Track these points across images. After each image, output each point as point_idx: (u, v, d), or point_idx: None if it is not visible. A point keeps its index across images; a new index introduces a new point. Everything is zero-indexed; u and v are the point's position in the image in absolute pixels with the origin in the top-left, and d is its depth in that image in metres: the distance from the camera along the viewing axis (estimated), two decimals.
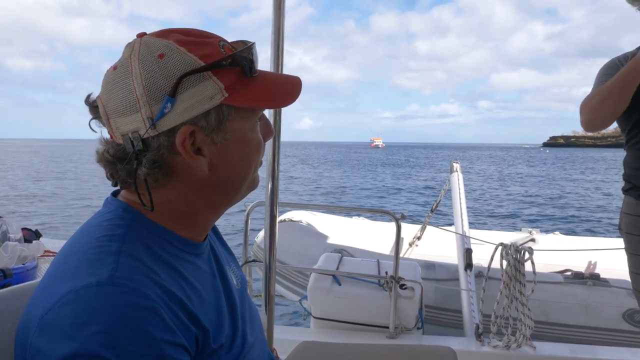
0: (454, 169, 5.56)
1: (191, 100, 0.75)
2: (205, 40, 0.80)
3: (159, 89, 0.75)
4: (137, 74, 0.75)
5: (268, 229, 1.88)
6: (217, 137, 0.79)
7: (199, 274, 0.84)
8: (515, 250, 2.90)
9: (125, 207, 0.82)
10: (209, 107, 0.76)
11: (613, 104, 2.05)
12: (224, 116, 0.79)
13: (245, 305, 0.98)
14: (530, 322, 2.84)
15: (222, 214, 0.92)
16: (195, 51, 0.77)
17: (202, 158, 0.79)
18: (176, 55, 0.76)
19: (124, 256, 0.72)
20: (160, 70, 0.75)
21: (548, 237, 5.89)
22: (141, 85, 0.75)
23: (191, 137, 0.77)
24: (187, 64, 0.76)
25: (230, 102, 0.78)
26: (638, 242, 2.20)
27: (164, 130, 0.76)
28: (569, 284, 3.92)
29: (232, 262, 1.07)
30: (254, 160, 0.87)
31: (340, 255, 3.51)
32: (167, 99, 0.74)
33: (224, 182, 0.84)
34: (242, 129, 0.82)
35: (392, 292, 2.93)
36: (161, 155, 0.77)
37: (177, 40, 0.78)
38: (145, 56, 0.76)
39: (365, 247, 4.85)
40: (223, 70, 0.78)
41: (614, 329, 3.68)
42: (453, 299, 3.80)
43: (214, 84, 0.76)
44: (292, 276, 4.60)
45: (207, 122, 0.77)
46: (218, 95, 0.77)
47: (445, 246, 5.34)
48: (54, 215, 15.58)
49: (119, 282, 0.68)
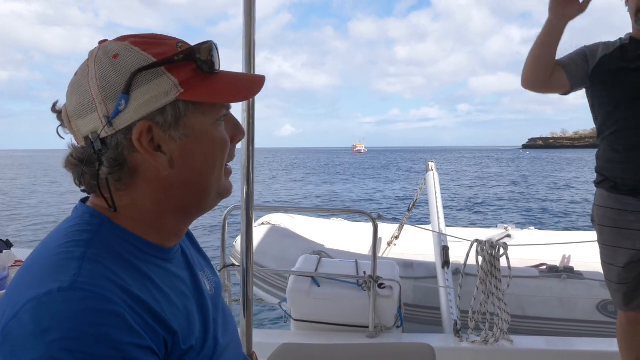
0: (430, 168, 5.61)
1: (145, 96, 0.76)
2: (162, 41, 0.81)
3: (113, 87, 0.76)
4: (93, 75, 0.77)
5: (244, 232, 1.87)
6: (176, 133, 0.79)
7: (168, 278, 0.84)
8: (490, 246, 2.94)
9: (93, 213, 0.82)
10: (164, 102, 0.77)
11: (533, 61, 2.20)
12: (180, 112, 0.78)
13: (219, 310, 0.98)
14: (507, 316, 2.88)
15: (192, 220, 0.91)
16: (149, 50, 0.78)
17: (161, 155, 0.79)
18: (130, 54, 0.77)
19: (88, 261, 0.72)
20: (114, 69, 0.76)
21: (523, 233, 5.99)
22: (96, 85, 0.76)
23: (149, 133, 0.77)
24: (141, 61, 0.77)
25: (186, 98, 0.78)
26: (609, 233, 2.27)
27: (121, 128, 0.76)
28: (544, 278, 3.99)
29: (207, 267, 1.06)
30: (218, 159, 0.85)
31: (318, 256, 3.51)
32: (122, 96, 0.75)
33: (189, 183, 0.83)
34: (202, 126, 0.82)
35: (370, 291, 2.95)
36: (120, 153, 0.78)
37: (132, 42, 0.79)
38: (101, 58, 0.78)
39: (344, 248, 4.87)
40: (178, 66, 0.78)
41: (588, 321, 3.76)
42: (431, 296, 3.83)
43: (169, 80, 0.77)
44: (271, 279, 4.59)
45: (164, 118, 0.77)
46: (173, 91, 0.77)
47: (423, 244, 5.39)
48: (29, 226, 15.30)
49: (81, 287, 0.67)
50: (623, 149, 2.19)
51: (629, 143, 2.17)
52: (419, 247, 5.55)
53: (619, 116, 2.19)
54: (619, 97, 2.17)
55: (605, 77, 2.19)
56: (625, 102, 2.16)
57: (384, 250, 5.75)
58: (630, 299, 2.29)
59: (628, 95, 2.14)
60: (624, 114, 2.17)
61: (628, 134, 2.17)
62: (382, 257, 5.10)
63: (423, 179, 5.65)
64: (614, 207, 2.24)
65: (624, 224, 2.21)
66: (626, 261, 2.23)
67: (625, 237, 2.21)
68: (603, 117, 2.27)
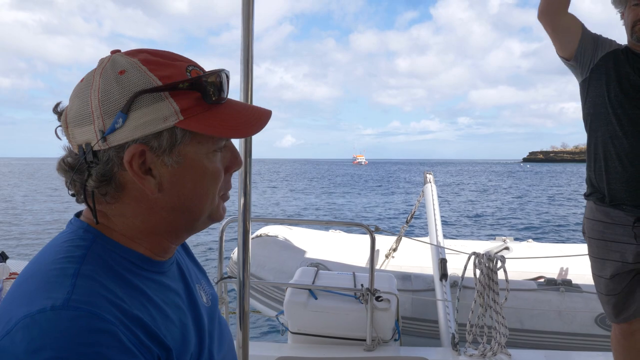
0: (428, 180, 5.61)
1: (144, 118, 0.75)
2: (172, 63, 0.80)
3: (113, 103, 0.75)
4: (96, 87, 0.76)
5: (241, 244, 1.86)
6: (168, 159, 0.78)
7: (163, 292, 0.83)
8: (487, 259, 2.93)
9: (87, 228, 0.81)
10: (161, 127, 0.76)
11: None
12: (176, 139, 0.77)
13: (215, 323, 0.97)
14: (505, 330, 2.87)
15: (182, 240, 0.90)
16: (156, 71, 0.77)
17: (150, 178, 0.78)
18: (136, 73, 0.76)
19: (82, 278, 0.71)
20: (118, 86, 0.75)
21: (522, 245, 5.98)
22: (97, 98, 0.76)
23: (141, 156, 0.77)
24: (145, 82, 0.76)
25: (184, 126, 0.77)
26: (598, 245, 2.27)
27: (114, 145, 0.76)
28: (543, 291, 3.98)
29: (203, 280, 1.05)
30: (210, 190, 0.84)
31: (316, 269, 3.50)
32: (119, 115, 0.74)
33: (178, 208, 0.82)
34: (197, 155, 0.81)
35: (368, 304, 2.94)
36: (110, 169, 0.77)
37: (142, 59, 0.78)
38: (107, 71, 0.77)
39: (342, 260, 4.86)
40: (182, 93, 0.77)
41: (587, 334, 3.74)
42: (429, 309, 3.82)
43: (170, 106, 0.76)
44: (269, 291, 4.57)
45: (159, 143, 0.77)
46: (172, 117, 0.76)
47: (421, 257, 5.38)
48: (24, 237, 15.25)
49: (74, 305, 0.67)
50: (611, 161, 2.21)
51: (617, 155, 2.18)
52: (417, 260, 5.54)
53: (602, 131, 2.22)
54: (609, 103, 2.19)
55: (603, 76, 2.20)
56: (613, 110, 2.18)
57: (382, 263, 5.74)
58: (620, 310, 2.29)
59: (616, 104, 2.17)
60: (612, 123, 2.19)
61: (616, 145, 2.19)
62: (380, 270, 5.08)
63: (421, 190, 5.65)
64: (602, 219, 2.25)
65: (611, 237, 2.22)
66: (613, 273, 2.24)
67: (612, 250, 2.22)
68: (587, 131, 2.30)
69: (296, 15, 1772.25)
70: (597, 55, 2.22)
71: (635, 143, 2.14)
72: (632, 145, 2.14)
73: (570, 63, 2.30)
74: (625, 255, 2.19)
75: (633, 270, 2.22)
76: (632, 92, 2.14)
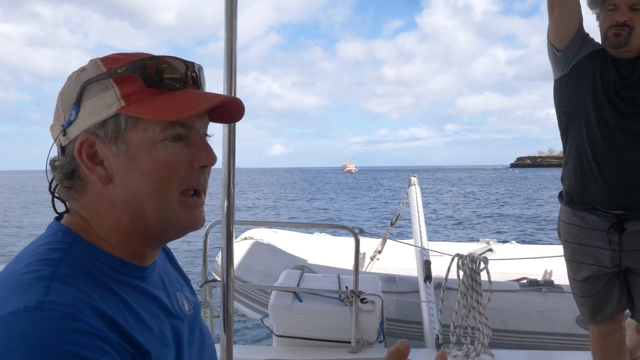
0: (412, 183, 5.64)
1: (90, 108, 0.77)
2: (129, 57, 0.80)
3: (70, 98, 0.78)
4: (62, 87, 0.81)
5: (225, 248, 1.86)
6: (115, 148, 0.77)
7: (142, 299, 0.82)
8: (470, 261, 2.96)
9: (66, 231, 0.80)
10: (105, 115, 0.76)
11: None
12: (120, 126, 0.77)
13: (196, 332, 0.96)
14: (488, 330, 2.89)
15: (157, 244, 0.88)
16: (109, 65, 0.78)
17: (100, 169, 0.78)
18: (92, 68, 0.79)
19: (57, 281, 0.70)
20: (75, 81, 0.79)
21: (505, 247, 6.03)
22: (60, 95, 0.80)
23: (92, 147, 0.78)
24: (96, 75, 0.78)
25: (127, 112, 0.76)
26: (574, 249, 2.28)
27: (72, 139, 0.78)
28: (525, 292, 4.02)
29: (186, 287, 1.04)
30: (162, 181, 0.79)
31: (300, 271, 3.51)
32: (73, 107, 0.77)
33: (130, 202, 0.80)
34: (143, 143, 0.78)
35: (352, 306, 2.95)
36: (71, 162, 0.79)
37: (103, 57, 0.80)
38: (74, 72, 0.81)
39: (327, 263, 4.87)
40: (127, 80, 0.77)
41: (569, 334, 3.79)
42: (414, 310, 3.84)
43: (114, 93, 0.76)
44: (254, 294, 4.56)
45: (105, 132, 0.77)
46: (115, 104, 0.76)
47: (405, 259, 5.40)
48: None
49: (48, 306, 0.66)
50: (586, 163, 2.21)
51: (593, 157, 2.17)
52: (401, 262, 5.57)
53: (578, 132, 2.22)
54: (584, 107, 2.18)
55: (587, 76, 2.18)
56: (586, 118, 2.18)
57: (367, 265, 5.76)
58: (595, 312, 2.31)
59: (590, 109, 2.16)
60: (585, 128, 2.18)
61: (587, 149, 2.18)
62: (365, 272, 5.10)
63: (406, 193, 5.67)
64: (578, 224, 2.24)
65: (587, 241, 2.22)
66: (587, 275, 2.25)
67: (588, 254, 2.22)
68: (563, 137, 2.30)
69: (283, 25, 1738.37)
70: (581, 53, 2.20)
71: (612, 147, 2.12)
72: (608, 149, 2.13)
73: (557, 54, 2.25)
74: (601, 259, 2.19)
75: (609, 273, 2.23)
76: (615, 96, 2.12)
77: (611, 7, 2.10)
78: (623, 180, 2.12)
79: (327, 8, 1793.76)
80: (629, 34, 2.06)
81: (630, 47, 2.10)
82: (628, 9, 2.06)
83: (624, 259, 2.16)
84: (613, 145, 2.12)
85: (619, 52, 2.13)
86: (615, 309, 2.29)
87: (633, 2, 2.05)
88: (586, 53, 2.20)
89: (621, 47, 2.10)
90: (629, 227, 2.13)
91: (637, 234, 2.13)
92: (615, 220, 2.14)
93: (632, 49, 2.11)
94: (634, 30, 2.06)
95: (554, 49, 2.26)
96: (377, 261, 5.76)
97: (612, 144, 2.13)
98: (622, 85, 2.12)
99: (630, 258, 2.16)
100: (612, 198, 2.14)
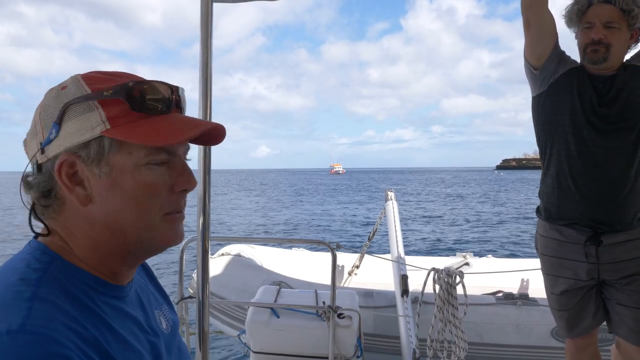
0: (389, 198, 5.67)
1: (73, 128, 0.77)
2: (114, 78, 0.80)
3: (49, 116, 0.78)
4: (41, 103, 0.81)
5: (200, 264, 1.86)
6: (97, 170, 0.78)
7: (120, 319, 0.82)
8: (447, 275, 2.98)
9: (44, 249, 0.80)
10: (89, 137, 0.77)
11: None
12: (104, 149, 0.78)
13: (173, 349, 0.96)
14: (464, 344, 2.91)
15: (135, 262, 0.89)
16: (92, 85, 0.79)
17: (79, 189, 0.79)
18: (74, 87, 0.79)
19: (38, 301, 0.70)
20: (55, 100, 0.79)
21: (481, 261, 6.08)
22: (39, 112, 0.80)
23: (72, 167, 0.78)
24: (79, 94, 0.78)
25: (111, 135, 0.77)
26: (551, 262, 2.32)
27: (50, 157, 0.78)
28: (501, 305, 4.06)
29: (165, 304, 1.04)
30: (144, 203, 0.81)
31: (278, 287, 3.49)
32: (53, 125, 0.77)
33: (110, 223, 0.81)
34: (126, 166, 0.79)
35: (330, 322, 2.95)
36: (49, 181, 0.79)
37: (85, 76, 0.81)
38: (54, 88, 0.81)
39: (305, 278, 4.85)
40: (112, 103, 0.77)
41: (543, 346, 3.83)
42: (391, 325, 3.84)
43: (98, 115, 0.77)
44: (231, 311, 4.52)
45: (87, 153, 0.78)
46: (99, 126, 0.76)
47: (383, 274, 5.41)
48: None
49: (30, 329, 0.66)
50: (564, 179, 2.25)
51: (570, 174, 2.22)
52: (379, 276, 5.58)
53: (557, 149, 2.26)
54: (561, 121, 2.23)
55: (565, 94, 2.22)
56: (563, 129, 2.22)
57: (345, 280, 5.75)
58: (572, 326, 2.34)
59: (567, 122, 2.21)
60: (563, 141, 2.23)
61: (566, 164, 2.23)
62: (342, 287, 5.10)
63: (383, 208, 5.70)
64: (555, 237, 2.29)
65: (564, 255, 2.26)
66: (564, 289, 2.29)
67: (565, 267, 2.27)
68: (542, 152, 2.35)
69: (269, 27, 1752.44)
70: (558, 71, 2.24)
71: (589, 164, 2.18)
72: (585, 166, 2.18)
73: (534, 72, 2.29)
74: (578, 272, 2.23)
75: (585, 287, 2.27)
76: (592, 114, 2.17)
77: (587, 25, 2.17)
78: (600, 196, 2.17)
79: (313, 10, 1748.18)
80: (607, 50, 2.12)
81: (609, 64, 2.15)
82: (603, 27, 2.12)
83: (601, 272, 2.21)
84: (590, 162, 2.17)
85: (598, 68, 2.18)
86: (591, 322, 2.32)
87: (607, 20, 2.11)
88: (563, 71, 2.25)
89: (600, 63, 2.14)
90: (605, 239, 2.17)
91: (614, 247, 2.18)
92: (592, 233, 2.19)
93: (610, 65, 2.16)
94: (611, 47, 2.12)
95: (530, 67, 2.30)
96: (354, 276, 5.76)
97: (590, 161, 2.18)
98: (599, 102, 2.17)
99: (606, 271, 2.20)
100: (590, 214, 2.19)
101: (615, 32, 2.12)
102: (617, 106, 2.16)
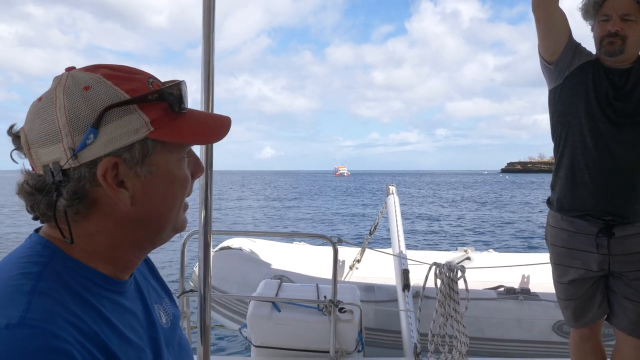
0: (390, 192, 5.67)
1: (115, 132, 0.75)
2: (133, 76, 0.80)
3: (82, 119, 0.74)
4: (61, 105, 0.75)
5: (202, 258, 1.85)
6: (141, 170, 0.79)
7: (120, 313, 0.82)
8: (448, 269, 2.98)
9: (45, 244, 0.79)
10: (133, 140, 0.76)
11: None
12: (148, 150, 0.78)
13: (173, 345, 0.96)
14: (465, 338, 2.91)
15: (145, 253, 0.90)
16: (121, 85, 0.77)
17: (124, 191, 0.78)
18: (102, 87, 0.76)
19: (38, 295, 0.70)
20: (85, 102, 0.75)
21: (482, 255, 6.09)
22: (64, 115, 0.74)
23: (114, 169, 0.76)
24: (113, 96, 0.76)
25: (155, 137, 0.78)
26: (560, 253, 2.33)
27: (85, 162, 0.75)
28: (502, 300, 4.06)
29: (167, 298, 1.04)
30: (179, 197, 0.86)
31: (279, 281, 3.50)
32: (90, 130, 0.74)
33: (147, 219, 0.83)
34: (168, 164, 0.82)
35: (331, 316, 2.95)
36: (82, 186, 0.76)
37: (104, 74, 0.78)
38: (70, 88, 0.76)
39: (306, 272, 4.86)
40: (149, 104, 0.78)
41: (545, 341, 3.83)
42: (392, 320, 3.85)
43: (140, 118, 0.76)
44: (232, 305, 4.53)
45: (131, 155, 0.77)
46: (143, 129, 0.76)
47: (384, 268, 5.41)
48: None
49: (30, 323, 0.66)
50: (579, 171, 2.25)
51: (585, 166, 2.22)
52: (380, 271, 5.58)
53: (571, 141, 2.26)
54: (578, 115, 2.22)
55: (580, 87, 2.22)
56: (579, 124, 2.22)
57: (346, 274, 5.76)
58: (579, 315, 2.35)
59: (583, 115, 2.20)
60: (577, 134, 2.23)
61: (580, 157, 2.24)
62: (343, 281, 5.10)
63: (384, 202, 5.70)
64: (566, 228, 2.30)
65: (575, 245, 2.27)
66: (573, 278, 2.29)
67: (575, 257, 2.27)
68: (555, 144, 2.34)
69: (274, 29, 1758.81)
70: (574, 64, 2.24)
71: (604, 156, 2.18)
72: (600, 158, 2.18)
73: (549, 67, 2.29)
74: (589, 263, 2.24)
75: (594, 277, 2.28)
76: (607, 106, 2.17)
77: (603, 17, 2.16)
78: (615, 188, 2.18)
79: (318, 12, 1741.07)
80: (623, 43, 2.12)
81: (625, 56, 2.16)
82: (620, 19, 2.12)
83: (612, 263, 2.22)
84: (606, 154, 2.18)
85: (614, 60, 2.18)
86: (597, 312, 2.34)
87: (624, 13, 2.11)
88: (579, 64, 2.24)
89: (617, 55, 2.14)
90: (617, 232, 2.18)
91: (625, 239, 2.20)
92: (604, 225, 2.19)
93: (627, 58, 2.17)
94: (627, 39, 2.12)
95: (545, 62, 2.31)
96: (356, 270, 5.77)
97: (605, 153, 2.18)
98: (614, 95, 2.18)
99: (617, 262, 2.22)
100: (603, 205, 2.20)
101: (631, 24, 2.11)
102: (634, 100, 2.16)
